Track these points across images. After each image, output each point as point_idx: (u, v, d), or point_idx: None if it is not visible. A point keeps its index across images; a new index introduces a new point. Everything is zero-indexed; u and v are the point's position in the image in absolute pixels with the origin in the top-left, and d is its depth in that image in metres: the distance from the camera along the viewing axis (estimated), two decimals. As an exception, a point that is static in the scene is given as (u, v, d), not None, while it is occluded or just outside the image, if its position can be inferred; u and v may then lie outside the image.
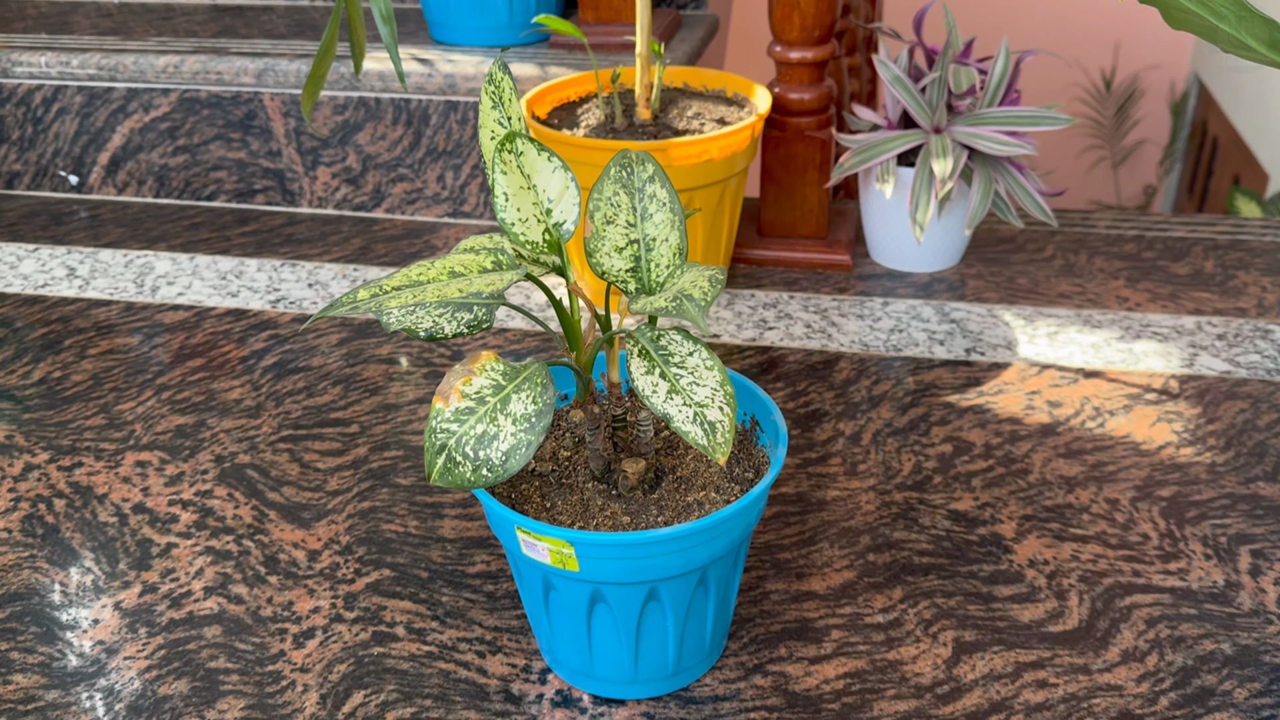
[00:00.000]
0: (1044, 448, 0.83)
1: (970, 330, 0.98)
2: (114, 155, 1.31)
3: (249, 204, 1.29)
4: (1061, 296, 1.03)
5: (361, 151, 1.23)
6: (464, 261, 0.52)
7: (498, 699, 0.63)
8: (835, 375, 0.93)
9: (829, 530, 0.75)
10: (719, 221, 1.00)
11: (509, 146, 0.53)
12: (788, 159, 1.08)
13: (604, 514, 0.59)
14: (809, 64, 1.04)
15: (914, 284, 1.06)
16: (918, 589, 0.70)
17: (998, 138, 0.96)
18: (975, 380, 0.91)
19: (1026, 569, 0.71)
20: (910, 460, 0.82)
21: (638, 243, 0.55)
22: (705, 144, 0.93)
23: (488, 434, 0.51)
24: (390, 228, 1.23)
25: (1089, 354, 0.94)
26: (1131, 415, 0.86)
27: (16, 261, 1.17)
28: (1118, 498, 0.77)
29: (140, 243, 1.21)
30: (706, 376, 0.52)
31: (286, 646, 0.68)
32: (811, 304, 1.04)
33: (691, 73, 1.09)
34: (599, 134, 0.99)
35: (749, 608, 0.69)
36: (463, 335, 0.59)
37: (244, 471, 0.83)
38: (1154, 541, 0.73)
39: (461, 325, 0.58)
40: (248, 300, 1.08)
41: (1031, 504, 0.77)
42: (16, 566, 0.75)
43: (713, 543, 0.56)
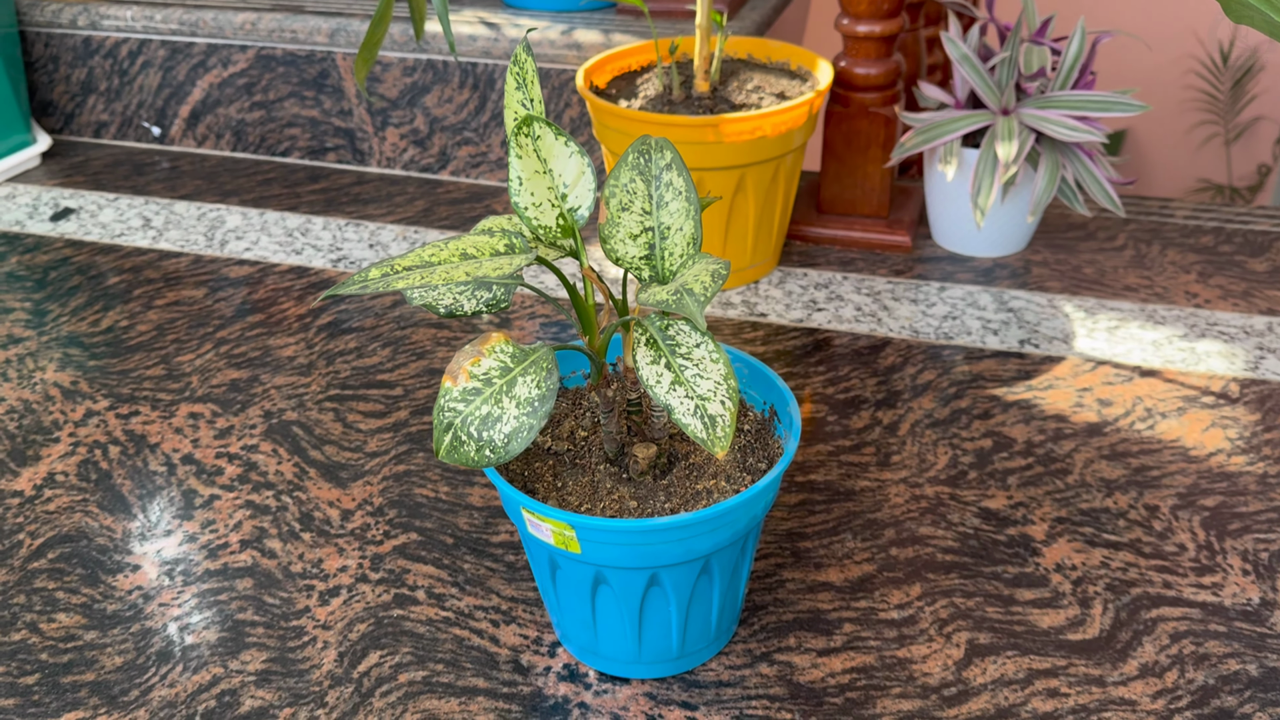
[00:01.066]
0: (1087, 448, 0.80)
1: (1027, 320, 0.95)
2: (194, 109, 1.35)
3: (321, 161, 1.32)
4: (1127, 289, 0.99)
5: (429, 114, 1.25)
6: (477, 243, 0.53)
7: (506, 669, 0.65)
8: (880, 361, 0.91)
9: (853, 521, 0.75)
10: (772, 198, 0.99)
11: (526, 130, 0.53)
12: (850, 135, 1.06)
13: (611, 497, 0.59)
14: (876, 38, 1.01)
15: (975, 269, 1.04)
16: (937, 587, 0.69)
17: (1067, 122, 0.93)
18: (1025, 373, 0.89)
19: (1052, 573, 0.70)
20: (946, 454, 0.81)
21: (652, 230, 0.55)
22: (759, 120, 0.92)
23: (492, 415, 0.52)
24: (454, 190, 1.24)
25: (1148, 351, 0.91)
26: (1184, 418, 0.83)
27: (98, 210, 1.22)
28: (1158, 504, 0.75)
29: (214, 196, 1.24)
30: (711, 369, 0.52)
31: (312, 603, 0.70)
32: (865, 286, 1.02)
33: (756, 44, 1.07)
34: (655, 105, 0.98)
35: (763, 595, 0.69)
36: (481, 313, 0.59)
37: (290, 428, 0.86)
38: (1190, 553, 0.71)
39: (480, 304, 0.58)
40: (310, 258, 1.11)
41: (1066, 506, 0.75)
42: (70, 509, 0.79)
43: (715, 533, 0.56)
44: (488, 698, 0.63)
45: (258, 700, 0.64)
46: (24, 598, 0.71)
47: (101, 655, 0.67)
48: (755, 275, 1.03)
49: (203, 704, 0.63)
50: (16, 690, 0.65)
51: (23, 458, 0.84)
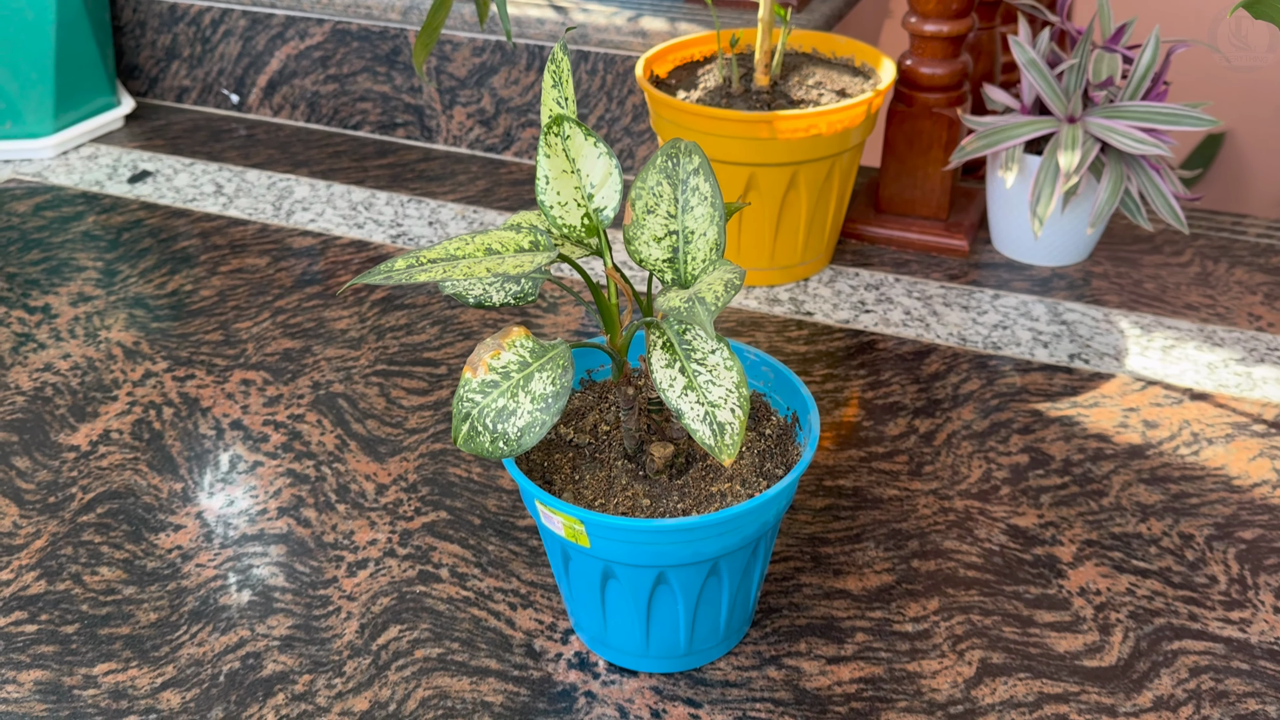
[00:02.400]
0: (1127, 470, 0.79)
1: (1080, 334, 0.94)
2: (271, 78, 1.38)
3: (390, 136, 1.34)
4: (1188, 308, 0.97)
5: (495, 94, 1.26)
6: (503, 239, 0.54)
7: (519, 652, 0.66)
8: (924, 368, 0.90)
9: (878, 530, 0.74)
10: (826, 196, 0.98)
11: (556, 130, 0.54)
12: (912, 135, 1.04)
13: (625, 494, 0.60)
14: (943, 38, 1.00)
15: (1032, 278, 1.02)
16: (955, 602, 0.69)
17: (1133, 134, 0.90)
18: (1072, 389, 0.87)
19: (1075, 597, 0.69)
20: (981, 467, 0.80)
21: (676, 234, 0.55)
22: (813, 118, 0.91)
23: (507, 409, 0.53)
24: (516, 171, 1.25)
25: (1202, 374, 0.88)
26: (1231, 446, 0.81)
27: (173, 174, 1.26)
28: (1193, 533, 0.73)
29: (285, 166, 1.27)
30: (724, 376, 0.53)
31: (340, 574, 0.72)
32: (916, 289, 1.01)
33: (822, 38, 1.06)
34: (714, 97, 0.98)
35: (778, 598, 0.69)
36: (510, 305, 0.60)
37: (336, 400, 0.89)
38: (1221, 586, 0.69)
39: (508, 296, 0.59)
40: (371, 233, 1.13)
41: (1098, 529, 0.74)
42: (121, 467, 0.82)
43: (723, 537, 0.56)
44: (499, 679, 0.65)
45: (280, 665, 0.66)
46: (71, 549, 0.75)
47: (138, 610, 0.70)
48: (805, 273, 1.03)
49: (228, 664, 0.66)
50: (57, 638, 0.68)
51: (82, 414, 0.88)
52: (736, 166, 0.94)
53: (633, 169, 1.23)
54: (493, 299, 0.59)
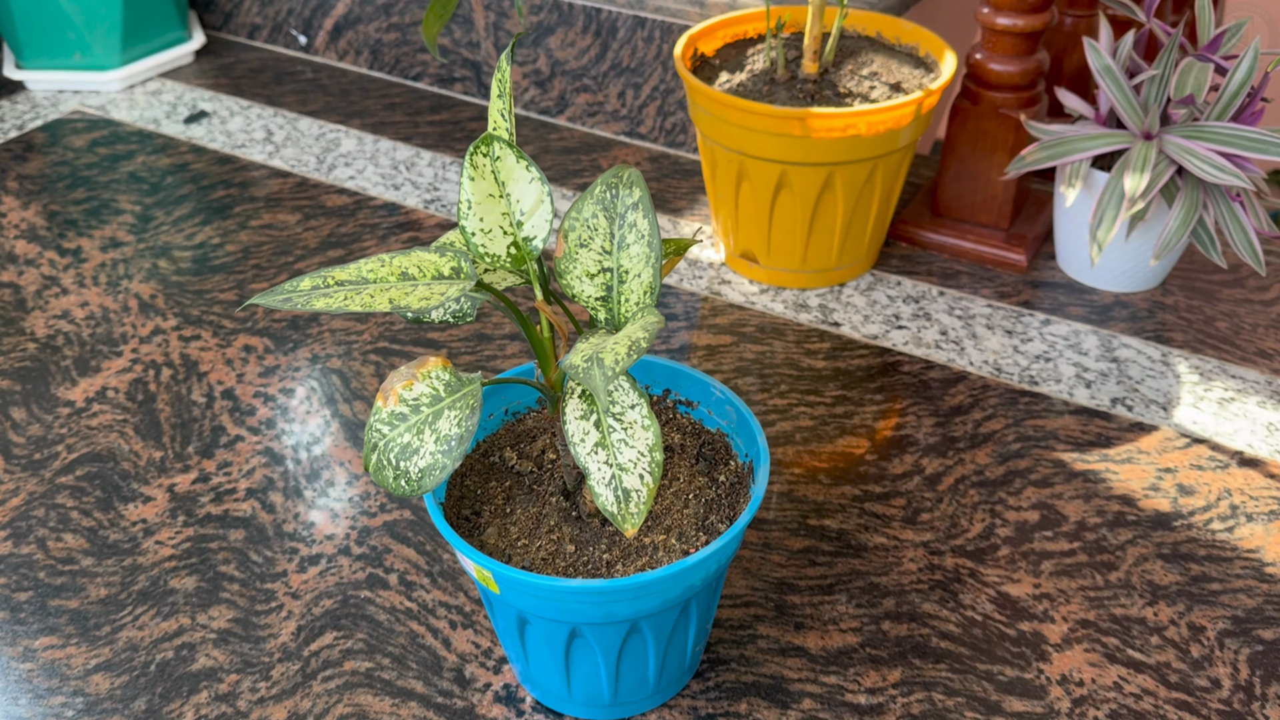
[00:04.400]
0: (1146, 541, 0.71)
1: (1129, 375, 0.85)
2: (337, 22, 1.36)
3: (448, 90, 1.31)
4: (1260, 355, 0.87)
5: (551, 56, 1.21)
6: (423, 262, 0.50)
7: (449, 677, 0.64)
8: (946, 399, 0.83)
9: (854, 582, 0.69)
10: (866, 199, 0.91)
11: (484, 150, 0.49)
12: (976, 136, 0.96)
13: (551, 536, 0.56)
14: (1017, 33, 0.91)
15: (1091, 304, 0.93)
16: (920, 676, 0.63)
17: (1213, 159, 0.80)
18: (1106, 439, 0.79)
19: (1054, 685, 0.63)
20: (984, 521, 0.73)
21: (610, 271, 0.50)
22: (852, 118, 0.84)
23: (410, 447, 0.50)
24: (567, 137, 1.21)
25: (1258, 435, 0.79)
26: (1274, 526, 0.72)
27: (229, 116, 1.26)
28: (1205, 625, 0.66)
29: (338, 116, 1.25)
30: (639, 437, 0.48)
31: (291, 568, 0.71)
32: (960, 306, 0.93)
33: (887, 21, 0.98)
34: (757, 83, 0.91)
35: (730, 648, 0.65)
36: (449, 322, 0.57)
37: (330, 377, 0.87)
38: (1224, 692, 0.62)
39: (447, 314, 0.56)
40: (406, 195, 1.11)
41: (1098, 608, 0.67)
42: (109, 428, 0.82)
43: (638, 602, 0.52)
44: (421, 705, 0.62)
45: (211, 660, 0.65)
46: (43, 511, 0.75)
47: (90, 584, 0.70)
48: (841, 278, 0.96)
49: (162, 653, 0.66)
50: (9, 604, 0.69)
51: (85, 367, 0.88)
52: (768, 163, 0.88)
53: (686, 145, 1.17)
54: (431, 316, 0.56)
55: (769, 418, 0.82)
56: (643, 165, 1.15)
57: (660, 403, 0.65)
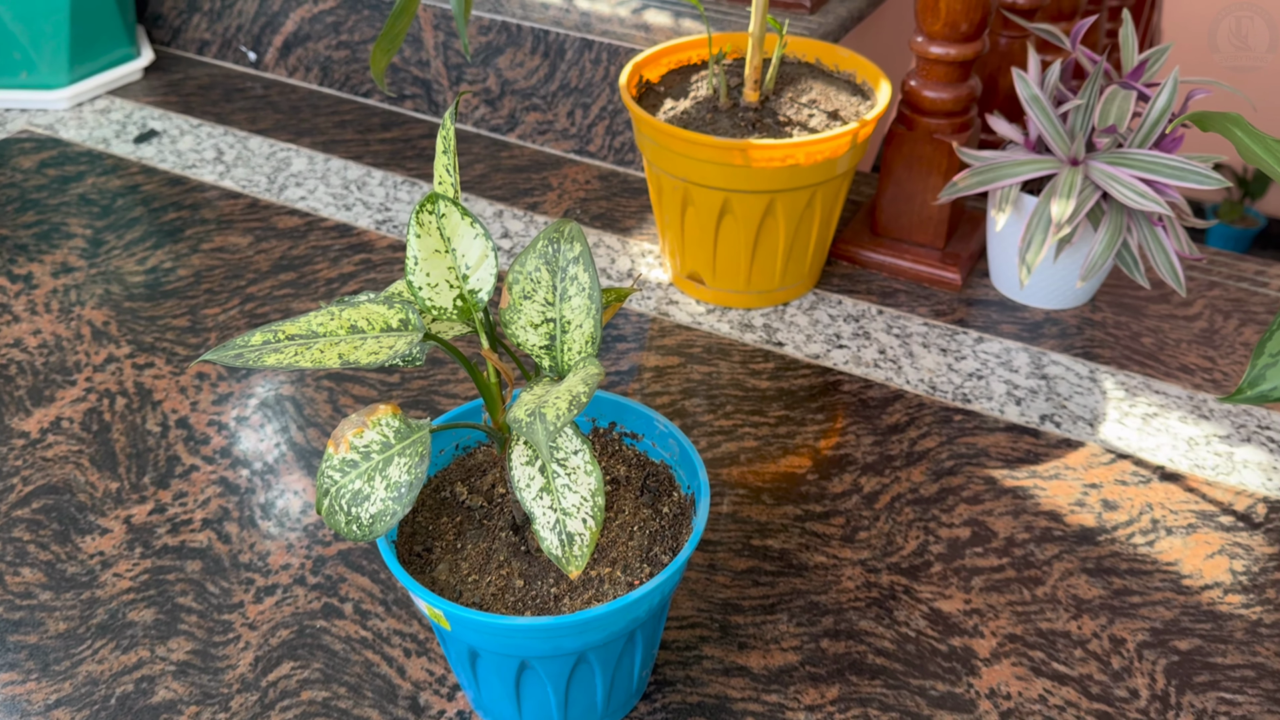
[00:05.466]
0: (1071, 556, 0.75)
1: (1058, 393, 0.89)
2: (287, 39, 1.36)
3: (398, 108, 1.32)
4: (1183, 370, 0.91)
5: (501, 75, 1.23)
6: (371, 315, 0.52)
7: (404, 704, 0.66)
8: (884, 418, 0.86)
9: (795, 601, 0.72)
10: (807, 223, 0.94)
11: (429, 208, 0.51)
12: (911, 159, 0.99)
13: (500, 571, 0.58)
14: (949, 62, 0.94)
15: (1022, 321, 0.97)
16: (857, 692, 0.66)
17: (1135, 185, 0.84)
18: (1035, 456, 0.83)
19: (982, 699, 0.66)
20: (918, 538, 0.76)
21: (554, 322, 0.53)
22: (790, 149, 0.87)
23: (361, 493, 0.52)
24: (518, 155, 1.22)
25: (1179, 450, 0.83)
26: (1191, 539, 0.76)
27: (179, 135, 1.26)
28: (1126, 638, 0.69)
29: (288, 134, 1.26)
30: (582, 482, 0.50)
31: (247, 599, 0.72)
32: (897, 325, 0.96)
33: (825, 49, 1.00)
34: (700, 110, 0.94)
35: (676, 669, 0.68)
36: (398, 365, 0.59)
37: (284, 404, 0.88)
38: (1141, 702, 0.66)
39: (396, 358, 0.58)
40: (358, 216, 1.12)
41: (1025, 623, 0.70)
42: (64, 459, 0.83)
43: (583, 635, 0.55)
44: (377, 731, 0.64)
45: (170, 692, 0.67)
46: (0, 545, 0.76)
47: (49, 619, 0.71)
48: (785, 297, 0.99)
49: (121, 686, 0.67)
50: (-33, 641, 0.70)
51: (39, 397, 0.89)
52: (712, 190, 0.90)
53: (634, 163, 1.19)
54: (380, 361, 0.58)
55: (715, 439, 0.85)
56: (592, 183, 1.17)
57: (607, 435, 0.67)
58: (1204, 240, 2.60)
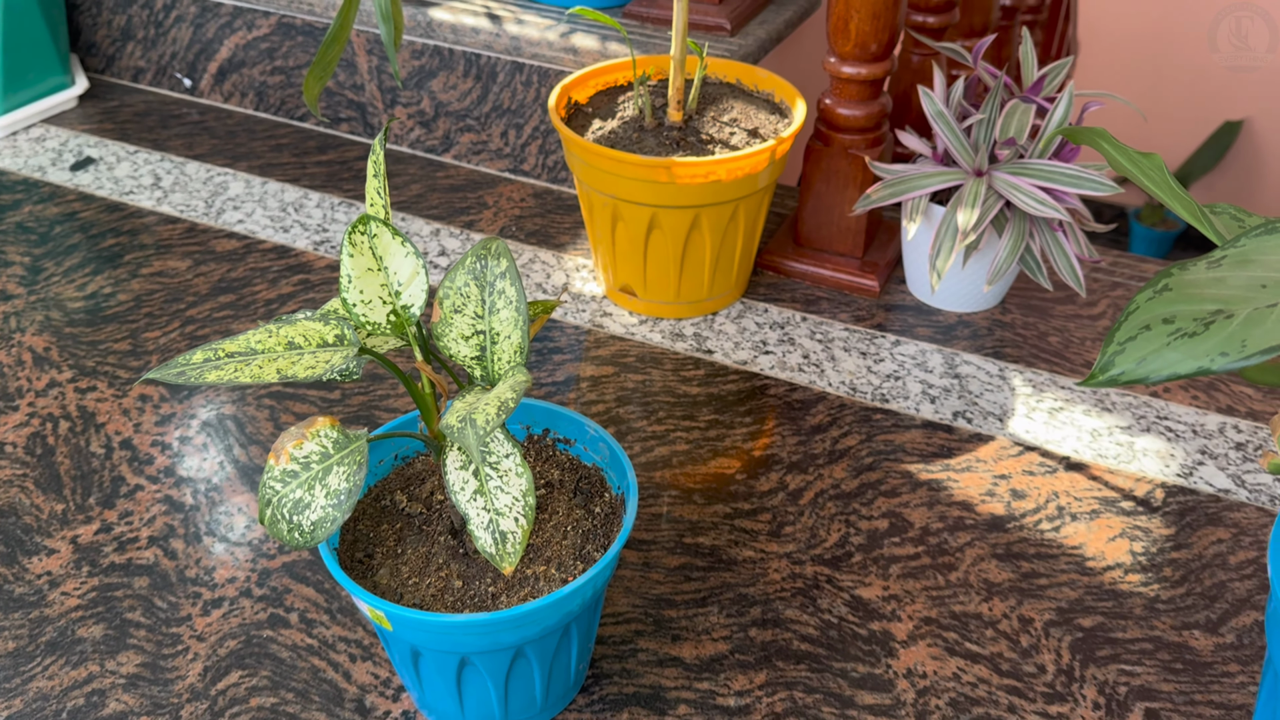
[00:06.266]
0: (982, 543, 0.80)
1: (970, 390, 0.94)
2: (222, 66, 1.38)
3: (334, 131, 1.34)
4: (1087, 366, 0.96)
5: (434, 98, 1.26)
6: (308, 332, 0.55)
7: (350, 707, 0.68)
8: (808, 419, 0.91)
9: (725, 594, 0.76)
10: (732, 236, 0.98)
11: (361, 229, 0.54)
12: (829, 174, 1.04)
13: (440, 574, 0.61)
14: (861, 81, 0.99)
15: (937, 324, 1.02)
16: (783, 677, 0.70)
17: (1035, 194, 0.90)
18: (948, 450, 0.88)
19: (900, 679, 0.70)
20: (839, 531, 0.81)
21: (484, 334, 0.56)
22: (712, 166, 0.91)
23: (303, 501, 0.54)
24: (454, 175, 1.25)
25: (1083, 441, 0.88)
26: (1095, 523, 0.81)
27: (116, 162, 1.27)
28: (1033, 617, 0.74)
29: (225, 159, 1.28)
30: (513, 483, 0.54)
31: (195, 612, 0.75)
32: (820, 331, 1.01)
33: (745, 70, 1.05)
34: (627, 130, 0.98)
35: (613, 662, 0.71)
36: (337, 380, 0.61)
37: (226, 423, 0.90)
38: (1048, 676, 0.70)
39: (334, 373, 0.60)
40: (295, 238, 1.14)
41: (939, 606, 0.75)
42: (8, 483, 0.84)
43: (520, 630, 0.58)
44: (325, 733, 0.67)
45: (121, 704, 0.69)
46: (-55, 570, 0.77)
47: (-3, 639, 0.73)
48: (714, 307, 1.03)
49: (72, 701, 0.69)
50: (-84, 664, 0.71)
51: (-19, 424, 0.90)
52: (640, 206, 0.94)
53: (568, 181, 1.23)
54: (318, 375, 0.60)
55: (649, 444, 0.88)
56: (527, 201, 1.20)
57: (541, 441, 0.71)
58: (1127, 243, 2.70)
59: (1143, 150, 0.50)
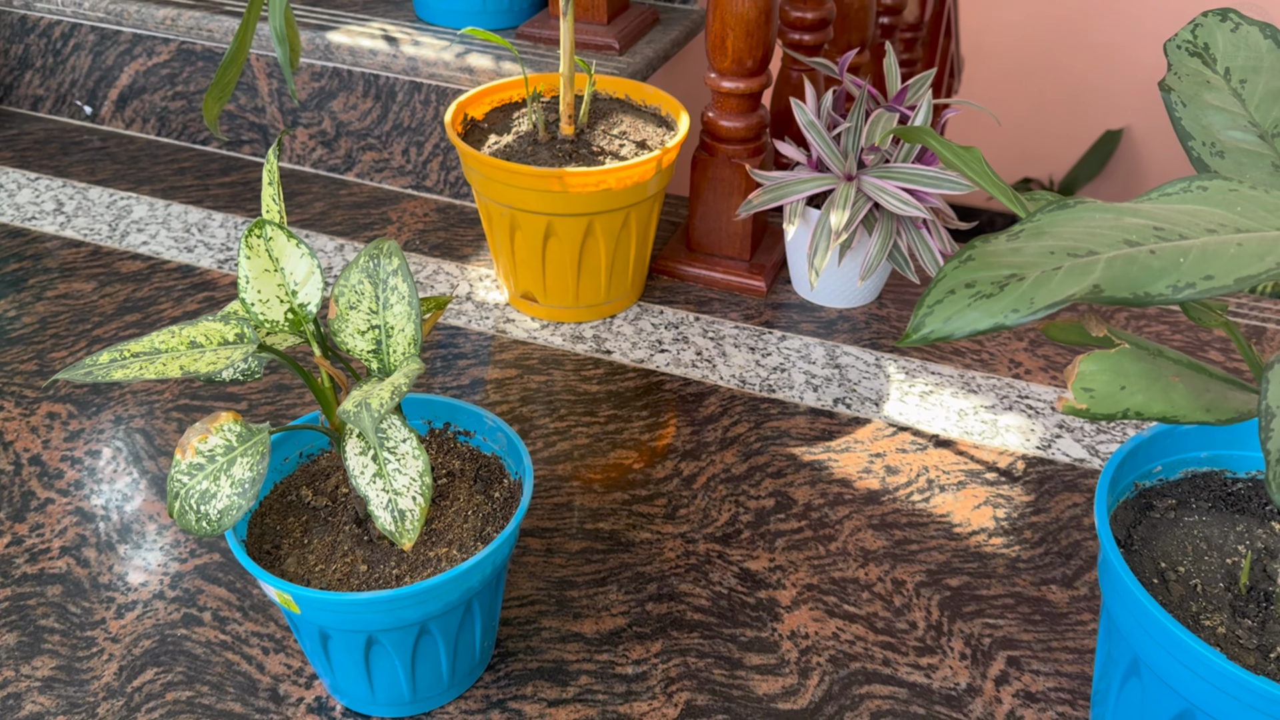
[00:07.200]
0: (860, 515, 0.86)
1: (849, 379, 1.00)
2: (122, 92, 1.39)
3: (237, 153, 1.37)
4: (955, 353, 1.04)
5: (335, 118, 1.29)
6: (209, 331, 0.58)
7: (264, 696, 0.71)
8: (701, 410, 0.96)
9: (624, 573, 0.81)
10: (625, 241, 1.03)
11: (257, 232, 0.58)
12: (715, 182, 1.10)
13: (345, 560, 0.65)
14: (740, 95, 1.05)
15: (819, 320, 1.08)
16: (678, 645, 0.75)
17: (900, 195, 0.97)
18: (829, 433, 0.94)
19: (785, 640, 0.76)
20: (730, 511, 0.86)
21: (379, 328, 0.60)
22: (602, 175, 0.96)
23: (209, 492, 0.58)
24: (357, 193, 1.29)
25: (951, 420, 0.95)
26: (962, 494, 0.88)
27: (16, 190, 1.28)
28: (905, 580, 0.80)
29: (128, 184, 1.29)
30: (410, 465, 0.58)
31: (109, 615, 0.77)
32: (711, 329, 1.07)
33: (634, 86, 1.11)
34: (522, 144, 1.02)
35: (517, 641, 0.75)
36: (239, 380, 0.65)
37: (134, 436, 0.92)
38: (919, 632, 0.77)
39: (237, 373, 0.64)
40: (200, 257, 1.16)
41: (821, 573, 0.81)
42: (-85, 504, 0.85)
43: (422, 606, 0.62)
44: (241, 721, 0.70)
45: (37, 705, 0.71)
46: None
47: (-91, 651, 0.74)
48: (612, 310, 1.08)
49: (-12, 706, 0.71)
50: None
51: (-115, 447, 0.91)
52: (535, 215, 0.99)
53: (469, 195, 1.27)
54: (222, 376, 0.64)
55: (551, 439, 0.93)
56: (430, 216, 1.24)
57: (442, 435, 0.75)
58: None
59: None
